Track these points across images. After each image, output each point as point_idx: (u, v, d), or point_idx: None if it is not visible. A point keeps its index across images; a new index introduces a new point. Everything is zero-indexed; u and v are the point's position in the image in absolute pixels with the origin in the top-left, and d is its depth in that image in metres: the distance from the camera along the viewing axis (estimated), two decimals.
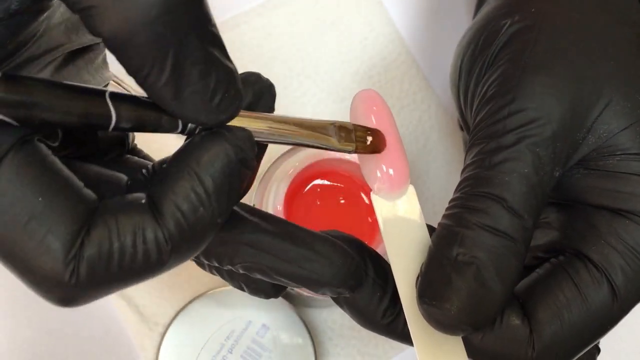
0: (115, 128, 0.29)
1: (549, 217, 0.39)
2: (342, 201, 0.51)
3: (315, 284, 0.34)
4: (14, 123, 0.28)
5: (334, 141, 0.34)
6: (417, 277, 0.35)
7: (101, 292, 0.30)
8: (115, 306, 0.53)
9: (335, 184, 0.51)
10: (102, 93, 0.29)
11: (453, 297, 0.34)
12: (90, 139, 0.35)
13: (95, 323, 0.53)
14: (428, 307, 0.34)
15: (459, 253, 0.34)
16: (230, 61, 0.30)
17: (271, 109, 0.34)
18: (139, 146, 0.40)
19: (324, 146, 0.34)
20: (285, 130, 0.32)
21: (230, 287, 0.51)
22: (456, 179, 0.58)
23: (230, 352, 0.50)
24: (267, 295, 0.38)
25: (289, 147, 0.50)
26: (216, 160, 0.30)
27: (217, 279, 0.54)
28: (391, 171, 0.36)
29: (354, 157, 0.50)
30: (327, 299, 0.51)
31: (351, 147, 0.34)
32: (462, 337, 0.36)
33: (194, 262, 0.54)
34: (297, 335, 0.51)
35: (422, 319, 0.35)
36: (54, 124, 0.28)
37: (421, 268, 0.35)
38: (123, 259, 0.29)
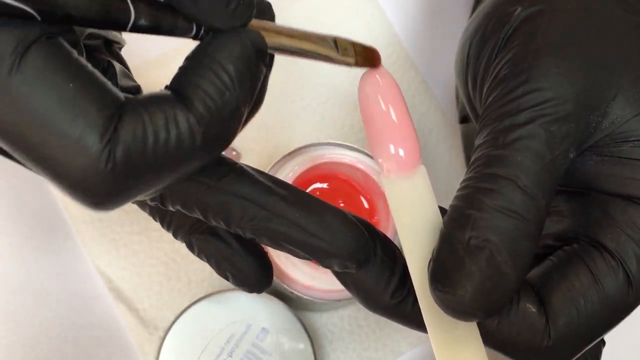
0: (133, 27, 0.30)
1: (560, 206, 0.39)
2: (342, 204, 0.51)
3: (323, 254, 0.34)
4: (37, 17, 0.28)
5: (335, 53, 0.35)
6: (429, 261, 0.35)
7: (138, 184, 0.30)
8: (115, 310, 0.53)
9: (335, 187, 0.51)
10: None
11: (466, 283, 0.33)
12: (109, 73, 0.36)
13: (95, 327, 0.53)
14: (441, 294, 0.34)
15: (471, 236, 0.34)
16: None
17: None
18: None
19: (327, 57, 0.35)
20: (291, 40, 0.34)
21: (229, 290, 0.51)
22: (455, 181, 0.58)
23: (230, 356, 0.50)
24: (251, 289, 0.38)
25: (288, 151, 0.50)
26: (235, 49, 0.31)
27: (216, 283, 0.54)
28: (401, 152, 0.35)
29: (353, 161, 0.50)
30: (327, 303, 0.51)
31: (352, 59, 0.35)
32: (477, 323, 0.35)
33: (193, 265, 0.54)
34: (297, 339, 0.51)
35: (435, 303, 0.34)
36: (75, 19, 0.29)
37: (433, 252, 0.35)
38: (157, 142, 0.30)
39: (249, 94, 0.32)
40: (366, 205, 0.51)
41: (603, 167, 0.37)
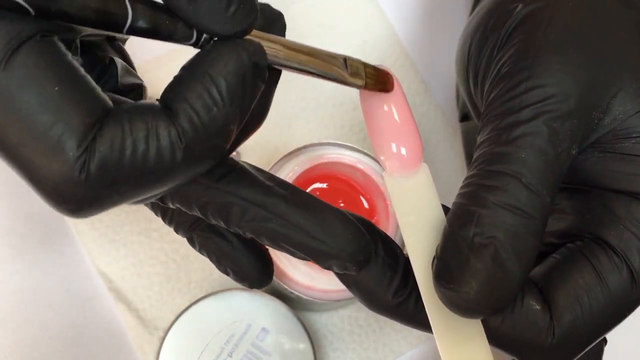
0: (130, 29, 0.29)
1: (562, 203, 0.39)
2: (342, 204, 0.51)
3: (322, 256, 0.34)
4: (32, 11, 0.28)
5: (344, 74, 0.33)
6: (433, 259, 0.35)
7: (113, 195, 0.29)
8: (115, 310, 0.53)
9: (335, 187, 0.51)
10: None
11: (471, 280, 0.33)
12: (110, 72, 0.35)
13: (95, 327, 0.53)
14: (446, 291, 0.34)
15: (475, 234, 0.34)
16: None
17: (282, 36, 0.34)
18: None
19: (334, 78, 0.33)
20: (297, 55, 0.32)
21: (229, 290, 0.51)
22: (455, 180, 0.58)
23: (230, 356, 0.50)
24: (252, 285, 0.38)
25: (288, 151, 0.50)
26: (229, 63, 0.30)
27: (216, 282, 0.54)
28: (403, 150, 0.35)
29: (353, 161, 0.50)
30: (327, 303, 0.51)
31: (361, 82, 0.34)
32: (482, 321, 0.35)
33: (193, 265, 0.54)
34: (297, 339, 0.51)
35: (440, 301, 0.34)
36: (71, 16, 0.28)
37: (437, 249, 0.35)
38: (135, 155, 0.29)
39: (240, 112, 0.30)
40: (366, 205, 0.51)
41: (605, 163, 0.37)
